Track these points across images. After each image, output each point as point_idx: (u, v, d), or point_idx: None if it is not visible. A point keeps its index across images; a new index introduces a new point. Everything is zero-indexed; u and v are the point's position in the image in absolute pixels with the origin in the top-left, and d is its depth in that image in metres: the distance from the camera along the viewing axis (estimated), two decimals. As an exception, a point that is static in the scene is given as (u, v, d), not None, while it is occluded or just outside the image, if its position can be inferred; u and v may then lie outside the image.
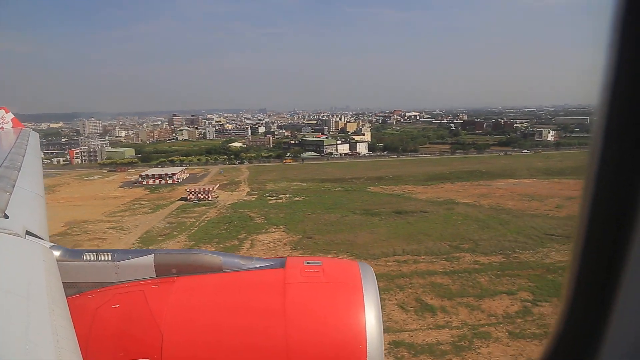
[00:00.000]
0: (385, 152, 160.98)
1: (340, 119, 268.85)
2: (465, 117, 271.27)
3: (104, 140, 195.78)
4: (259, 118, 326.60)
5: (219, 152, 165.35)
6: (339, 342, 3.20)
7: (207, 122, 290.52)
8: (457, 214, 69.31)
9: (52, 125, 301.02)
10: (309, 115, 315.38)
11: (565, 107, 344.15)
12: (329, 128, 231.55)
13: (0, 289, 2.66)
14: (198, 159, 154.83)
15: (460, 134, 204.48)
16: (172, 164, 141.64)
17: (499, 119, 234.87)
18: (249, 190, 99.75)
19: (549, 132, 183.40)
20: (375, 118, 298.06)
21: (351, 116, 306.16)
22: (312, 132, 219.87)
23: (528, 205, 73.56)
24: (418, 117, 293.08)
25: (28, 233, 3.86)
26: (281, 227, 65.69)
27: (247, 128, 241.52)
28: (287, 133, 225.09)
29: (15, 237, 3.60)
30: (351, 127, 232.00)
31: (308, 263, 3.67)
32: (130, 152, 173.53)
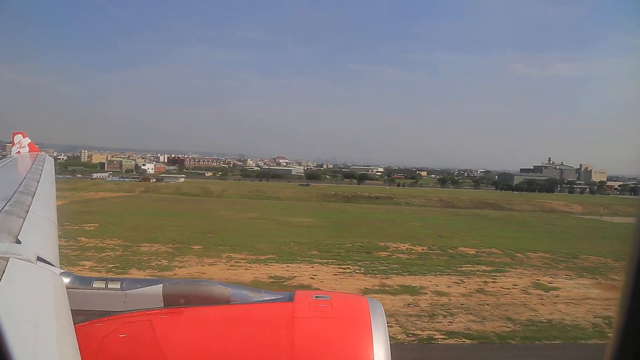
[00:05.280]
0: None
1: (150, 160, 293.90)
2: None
3: None
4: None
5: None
6: None
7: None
8: None
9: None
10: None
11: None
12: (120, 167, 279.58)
13: (9, 315, 2.62)
14: None
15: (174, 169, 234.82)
16: None
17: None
18: None
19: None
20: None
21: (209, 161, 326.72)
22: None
23: None
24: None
25: (39, 259, 3.75)
26: None
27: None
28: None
29: (26, 262, 3.51)
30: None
31: (317, 297, 3.75)
32: None
